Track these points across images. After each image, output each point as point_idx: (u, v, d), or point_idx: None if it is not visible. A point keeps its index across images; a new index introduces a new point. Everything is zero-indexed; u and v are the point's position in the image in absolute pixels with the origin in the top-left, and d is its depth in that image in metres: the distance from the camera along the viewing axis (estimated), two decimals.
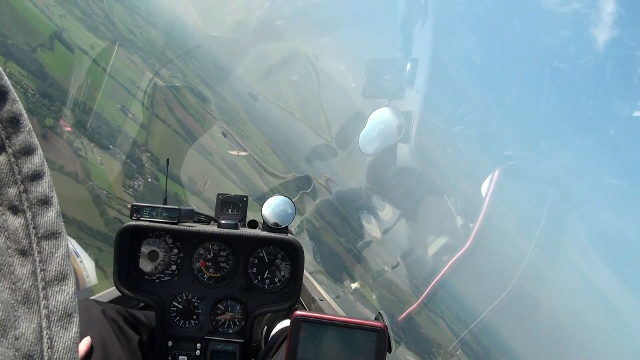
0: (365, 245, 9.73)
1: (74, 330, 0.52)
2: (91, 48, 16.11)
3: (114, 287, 1.82)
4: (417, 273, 7.54)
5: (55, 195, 0.53)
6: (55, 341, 0.49)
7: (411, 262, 7.60)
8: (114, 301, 1.98)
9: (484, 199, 5.06)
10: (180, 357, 1.80)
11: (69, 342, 0.50)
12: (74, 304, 0.53)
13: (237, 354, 1.80)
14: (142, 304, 2.17)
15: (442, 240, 6.30)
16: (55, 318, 0.50)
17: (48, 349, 0.48)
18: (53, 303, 0.50)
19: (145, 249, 1.85)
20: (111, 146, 11.26)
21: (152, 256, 1.85)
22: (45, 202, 0.51)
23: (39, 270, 0.50)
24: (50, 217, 0.52)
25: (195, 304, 1.85)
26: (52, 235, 0.52)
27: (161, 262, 1.86)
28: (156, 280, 1.86)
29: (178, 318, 1.84)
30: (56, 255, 0.52)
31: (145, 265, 1.86)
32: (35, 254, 0.50)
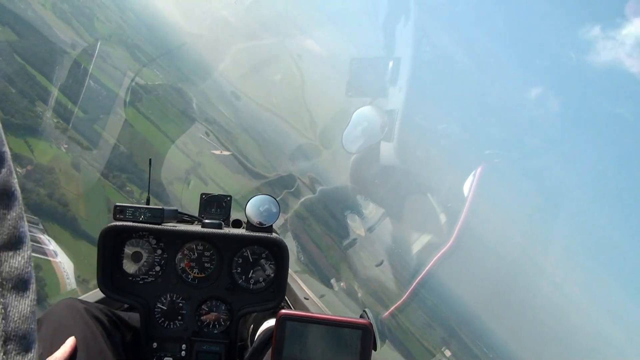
0: (350, 243, 9.75)
1: (30, 298, 0.48)
2: (225, 183, 16.58)
3: (98, 289, 1.80)
4: (401, 270, 7.58)
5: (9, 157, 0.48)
6: (9, 310, 0.45)
7: (395, 259, 7.64)
8: (99, 302, 1.96)
9: (466, 196, 5.11)
10: (165, 359, 1.78)
11: (24, 311, 0.47)
12: (29, 270, 0.49)
13: (223, 354, 1.80)
14: (126, 305, 2.15)
15: (426, 237, 6.35)
16: (10, 285, 0.46)
17: (2, 319, 0.44)
18: (7, 269, 0.46)
19: (128, 250, 1.83)
20: None
21: (136, 257, 1.83)
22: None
23: None
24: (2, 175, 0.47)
25: (180, 304, 1.84)
26: (5, 194, 0.47)
27: (145, 263, 1.84)
28: (140, 282, 1.84)
29: (163, 319, 1.83)
30: (8, 218, 0.47)
31: (129, 267, 1.83)
32: None
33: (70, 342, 1.33)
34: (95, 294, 2.11)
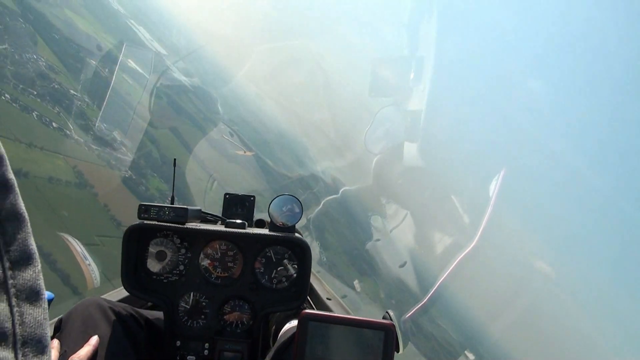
0: (372, 244, 9.71)
1: (42, 307, 0.53)
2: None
3: (122, 288, 1.82)
4: (424, 271, 7.51)
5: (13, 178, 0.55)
6: (25, 317, 0.51)
7: (418, 260, 7.58)
8: (122, 301, 1.97)
9: (490, 198, 5.03)
10: (188, 357, 1.79)
11: (39, 317, 0.52)
12: (39, 282, 0.54)
13: (246, 353, 1.80)
14: (149, 304, 2.17)
15: (449, 239, 6.28)
16: (24, 296, 0.51)
17: (19, 325, 0.50)
18: (20, 282, 0.51)
19: (153, 249, 1.84)
20: None
21: (160, 256, 1.84)
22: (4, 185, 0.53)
23: (3, 252, 0.51)
24: (10, 200, 0.53)
25: (203, 303, 1.84)
26: (14, 216, 0.53)
27: (169, 262, 1.85)
28: (164, 280, 1.85)
29: (186, 318, 1.83)
30: (19, 236, 0.53)
31: (153, 265, 1.85)
32: None
33: (94, 340, 1.35)
34: (118, 293, 2.13)
